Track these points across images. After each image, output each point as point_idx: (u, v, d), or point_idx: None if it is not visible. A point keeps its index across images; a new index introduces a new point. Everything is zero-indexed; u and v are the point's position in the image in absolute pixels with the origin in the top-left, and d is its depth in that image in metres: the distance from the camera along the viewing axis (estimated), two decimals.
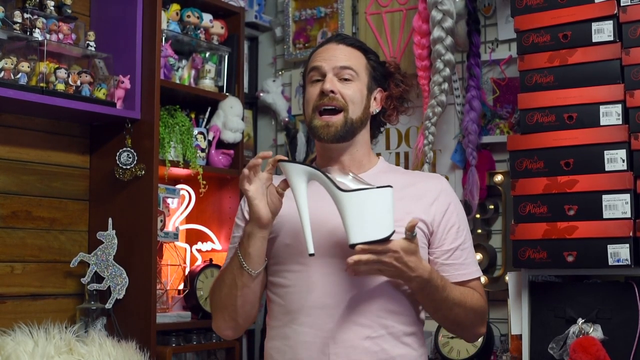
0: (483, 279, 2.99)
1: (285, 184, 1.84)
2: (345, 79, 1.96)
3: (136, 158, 2.83)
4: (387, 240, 1.73)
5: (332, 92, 1.93)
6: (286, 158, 1.81)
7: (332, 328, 1.86)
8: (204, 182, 3.05)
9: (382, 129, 2.12)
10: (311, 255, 1.77)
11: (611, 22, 2.41)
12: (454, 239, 1.95)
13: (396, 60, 2.15)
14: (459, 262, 1.95)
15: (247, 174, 1.81)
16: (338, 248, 1.85)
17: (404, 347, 1.90)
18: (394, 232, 1.74)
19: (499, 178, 3.03)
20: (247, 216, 1.98)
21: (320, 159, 2.06)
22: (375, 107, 2.03)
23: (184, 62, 3.16)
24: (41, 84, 2.60)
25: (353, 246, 1.73)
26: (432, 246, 1.95)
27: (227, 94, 3.22)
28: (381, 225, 1.73)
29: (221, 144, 3.19)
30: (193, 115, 3.16)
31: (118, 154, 2.82)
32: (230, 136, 3.17)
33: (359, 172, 1.99)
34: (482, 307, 1.96)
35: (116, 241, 2.81)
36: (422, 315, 1.99)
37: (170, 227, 3.04)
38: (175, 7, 3.10)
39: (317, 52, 2.02)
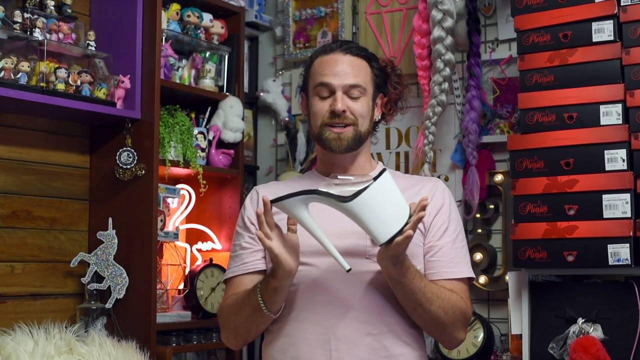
0: (483, 279, 2.99)
1: (291, 219, 1.82)
2: (355, 95, 1.96)
3: (136, 158, 2.83)
4: (409, 221, 1.73)
5: (344, 111, 1.94)
6: (273, 198, 1.76)
7: (333, 324, 1.86)
8: (204, 182, 3.05)
9: (377, 129, 2.13)
10: (348, 271, 1.76)
11: (611, 21, 2.41)
12: (441, 237, 1.95)
13: (391, 59, 2.14)
14: (445, 259, 1.94)
15: (263, 232, 1.77)
16: (339, 246, 1.85)
17: (405, 346, 1.90)
18: (410, 208, 1.74)
19: (499, 178, 3.03)
20: (248, 225, 2.00)
21: (321, 165, 2.07)
22: (377, 115, 2.06)
23: (184, 61, 3.16)
24: (41, 84, 2.60)
25: (385, 243, 1.72)
26: (423, 244, 1.96)
27: (227, 93, 3.22)
28: (399, 209, 1.72)
29: (221, 144, 3.19)
30: (193, 115, 3.16)
31: (118, 153, 2.82)
32: (231, 136, 3.17)
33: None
34: (462, 309, 1.92)
35: (116, 241, 2.81)
36: None
37: (170, 227, 3.04)
38: (175, 6, 3.10)
39: (323, 63, 1.99)
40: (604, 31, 2.42)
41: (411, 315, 1.90)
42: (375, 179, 1.71)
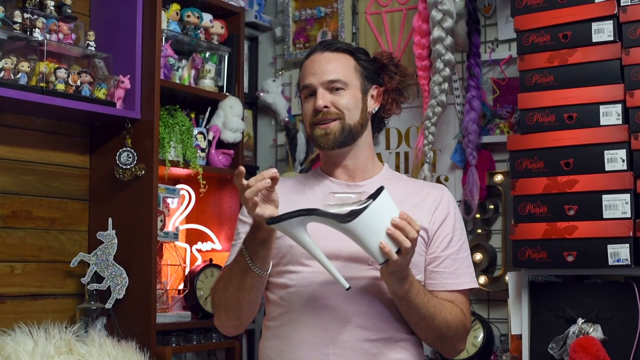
0: (483, 279, 2.99)
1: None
2: (337, 89, 1.95)
3: (136, 158, 2.83)
4: None
5: (326, 106, 1.94)
6: (274, 215, 1.73)
7: (332, 328, 1.86)
8: (204, 182, 3.05)
9: (385, 123, 2.11)
10: (348, 289, 1.74)
11: (611, 22, 2.41)
12: (446, 248, 1.95)
13: (388, 51, 2.13)
14: (448, 271, 1.94)
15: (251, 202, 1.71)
16: (341, 252, 1.86)
17: (403, 352, 1.90)
18: None
19: (499, 178, 3.03)
20: None
21: (324, 164, 2.06)
22: (374, 106, 2.03)
23: (184, 62, 3.16)
24: (41, 84, 2.60)
25: (385, 262, 1.71)
26: (426, 253, 1.95)
27: (227, 93, 3.22)
28: None
29: (221, 144, 3.19)
30: (193, 115, 3.16)
31: (118, 153, 2.82)
32: (230, 136, 3.17)
33: (364, 178, 2.00)
34: (463, 322, 1.93)
35: (116, 241, 2.81)
36: None
37: (170, 227, 3.04)
38: (175, 7, 3.10)
39: (305, 66, 2.01)
40: (603, 31, 2.42)
41: (413, 328, 1.90)
42: (373, 196, 1.70)
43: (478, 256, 3.00)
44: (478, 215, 3.06)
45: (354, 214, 1.68)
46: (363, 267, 1.88)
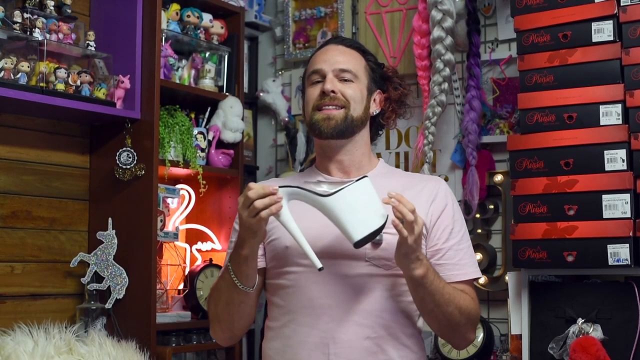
0: (483, 279, 2.99)
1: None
2: (345, 80, 1.97)
3: (136, 158, 2.83)
4: (384, 225, 1.74)
5: (333, 91, 1.94)
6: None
7: (332, 328, 1.86)
8: (204, 182, 3.05)
9: (381, 132, 2.13)
10: (320, 269, 1.75)
11: (611, 22, 2.41)
12: (447, 239, 1.95)
13: (394, 64, 2.16)
14: (452, 262, 1.94)
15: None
16: (338, 249, 1.86)
17: (404, 349, 1.90)
18: (387, 215, 1.75)
19: (499, 178, 3.03)
20: None
21: (319, 159, 2.06)
22: (375, 108, 2.05)
23: (184, 62, 3.16)
24: (41, 84, 2.60)
25: (357, 244, 1.73)
26: (427, 246, 1.95)
27: (227, 93, 3.22)
28: (375, 213, 1.74)
29: (221, 144, 3.19)
30: (193, 115, 3.16)
31: (118, 153, 2.82)
32: (230, 136, 3.17)
33: (359, 174, 2.00)
34: (474, 309, 1.93)
35: (116, 241, 2.81)
36: (420, 322, 1.98)
37: (170, 227, 3.04)
38: (175, 6, 3.10)
39: (316, 55, 2.04)
40: (603, 31, 2.42)
41: (427, 317, 1.90)
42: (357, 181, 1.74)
43: (478, 256, 2.99)
44: (478, 215, 3.06)
45: (335, 191, 1.72)
46: (360, 264, 1.88)
